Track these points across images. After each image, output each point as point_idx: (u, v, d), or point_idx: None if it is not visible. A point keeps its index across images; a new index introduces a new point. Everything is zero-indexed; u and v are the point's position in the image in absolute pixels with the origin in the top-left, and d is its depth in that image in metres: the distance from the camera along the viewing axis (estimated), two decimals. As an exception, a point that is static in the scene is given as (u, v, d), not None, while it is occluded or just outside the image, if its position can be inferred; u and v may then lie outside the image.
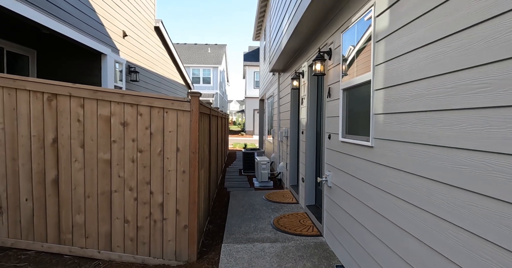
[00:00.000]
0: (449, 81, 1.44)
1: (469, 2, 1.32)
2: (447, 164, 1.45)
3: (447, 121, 1.45)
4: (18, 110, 3.20)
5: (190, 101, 3.11)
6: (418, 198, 1.68)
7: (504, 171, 1.15)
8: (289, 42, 4.57)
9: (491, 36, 1.21)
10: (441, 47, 1.50)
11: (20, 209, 3.25)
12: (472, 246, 1.29)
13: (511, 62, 1.12)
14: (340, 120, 2.93)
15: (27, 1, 4.37)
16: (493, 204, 1.20)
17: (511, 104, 1.12)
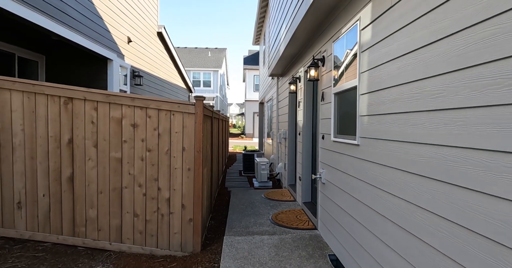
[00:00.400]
0: (415, 88, 1.73)
1: (428, 25, 1.61)
2: (415, 156, 1.73)
3: (414, 121, 1.73)
4: (36, 113, 3.48)
5: (195, 104, 3.39)
6: (393, 187, 1.96)
7: (453, 160, 1.42)
8: (287, 49, 4.87)
9: (444, 52, 1.49)
10: (409, 59, 1.78)
11: (37, 204, 3.52)
12: (433, 224, 1.57)
13: (459, 73, 1.40)
14: (332, 121, 3.21)
15: (40, 10, 4.67)
16: (446, 187, 1.47)
17: (458, 107, 1.40)
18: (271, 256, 3.09)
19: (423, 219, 1.65)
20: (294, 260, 3.00)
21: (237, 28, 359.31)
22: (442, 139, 1.50)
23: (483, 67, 1.26)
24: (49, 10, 4.91)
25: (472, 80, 1.32)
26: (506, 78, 1.15)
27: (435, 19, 1.57)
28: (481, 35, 1.27)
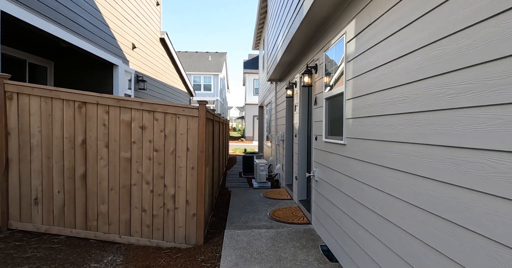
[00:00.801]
0: (387, 95, 2.04)
1: (396, 42, 1.92)
2: (387, 153, 2.04)
3: (387, 123, 2.04)
4: (53, 116, 3.79)
5: (199, 108, 3.71)
6: (371, 180, 2.26)
7: (414, 155, 1.73)
8: (284, 56, 5.20)
9: (408, 65, 1.80)
10: (383, 70, 2.10)
11: (53, 200, 3.82)
12: (399, 208, 1.87)
13: (419, 84, 1.71)
14: (324, 124, 3.52)
15: (53, 20, 5.01)
16: (409, 177, 1.78)
17: (419, 111, 1.71)
18: (268, 246, 3.38)
19: (392, 204, 1.95)
20: (289, 249, 3.30)
21: (238, 32, 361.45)
22: (406, 137, 1.81)
23: (434, 79, 1.57)
24: (61, 19, 5.25)
25: (427, 89, 1.63)
26: (448, 89, 1.46)
27: (401, 38, 1.89)
28: (433, 53, 1.58)
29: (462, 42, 1.37)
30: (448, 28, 1.47)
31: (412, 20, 1.77)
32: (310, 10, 3.20)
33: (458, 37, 1.39)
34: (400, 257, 1.86)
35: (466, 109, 1.34)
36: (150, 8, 9.76)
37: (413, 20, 1.76)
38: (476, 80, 1.29)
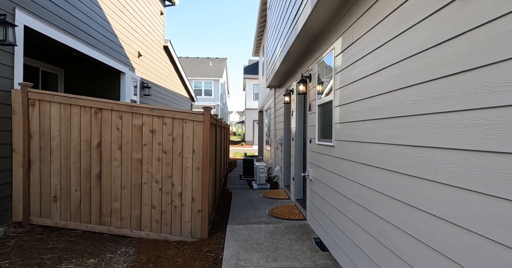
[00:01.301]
0: (365, 103, 2.42)
1: (373, 59, 2.31)
2: (365, 152, 2.41)
3: (365, 127, 2.42)
4: (71, 121, 4.18)
5: (203, 113, 4.09)
6: (354, 175, 2.64)
7: (384, 153, 2.11)
8: (281, 65, 5.60)
9: (382, 79, 2.19)
10: (363, 83, 2.48)
11: (70, 197, 4.19)
12: (376, 198, 2.24)
13: (388, 95, 2.09)
14: (317, 128, 3.90)
15: (66, 31, 5.41)
16: (382, 172, 2.15)
17: (387, 117, 2.09)
18: (266, 238, 3.74)
19: (370, 195, 2.33)
20: (285, 241, 3.66)
21: (238, 39, 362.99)
22: (379, 139, 2.19)
23: (397, 92, 1.95)
24: (75, 31, 5.66)
25: (393, 100, 2.01)
26: (406, 100, 1.84)
27: (376, 57, 2.28)
28: (396, 71, 1.97)
29: (416, 64, 1.76)
30: (406, 52, 1.85)
31: (383, 42, 2.16)
32: (304, 26, 3.60)
33: (413, 60, 1.78)
34: (376, 239, 2.22)
35: (418, 116, 1.72)
36: (155, 17, 10.21)
37: (384, 42, 2.15)
38: (424, 94, 1.68)
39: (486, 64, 1.26)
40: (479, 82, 1.30)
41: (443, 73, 1.52)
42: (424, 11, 1.67)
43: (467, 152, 1.36)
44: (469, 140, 1.35)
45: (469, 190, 1.35)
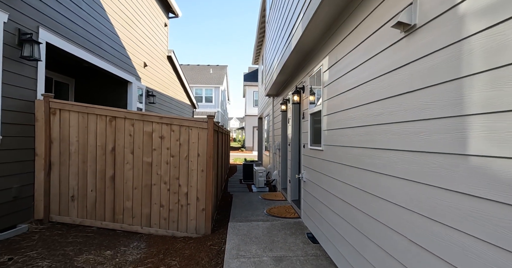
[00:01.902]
0: (346, 113, 2.88)
1: (351, 77, 2.78)
2: (346, 155, 2.87)
3: (346, 133, 2.88)
4: (88, 128, 4.64)
5: (207, 121, 4.56)
6: (337, 175, 3.09)
7: (360, 155, 2.56)
8: (278, 76, 6.09)
9: (356, 94, 2.66)
10: (343, 96, 2.95)
11: (86, 197, 4.62)
12: (353, 192, 2.68)
13: (361, 107, 2.55)
14: (309, 134, 4.36)
15: (81, 45, 5.91)
16: (359, 171, 2.60)
17: (361, 125, 2.55)
18: (264, 233, 4.17)
19: (349, 191, 2.77)
20: (281, 236, 4.09)
21: (239, 45, 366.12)
22: (356, 143, 2.65)
23: (367, 105, 2.41)
24: (88, 45, 6.16)
25: (364, 111, 2.47)
26: (372, 112, 2.30)
27: (353, 75, 2.74)
28: (367, 88, 2.44)
29: (379, 84, 2.23)
30: (373, 74, 2.32)
31: (358, 64, 2.63)
32: (297, 45, 4.09)
33: (377, 81, 2.25)
34: (354, 227, 2.66)
35: (380, 125, 2.18)
36: (160, 29, 10.75)
37: (358, 64, 2.62)
38: (384, 108, 2.14)
39: (420, 88, 1.72)
40: (417, 101, 1.76)
41: (394, 93, 1.98)
42: (384, 43, 2.14)
43: (410, 152, 1.81)
44: (410, 143, 1.80)
45: (411, 180, 1.80)
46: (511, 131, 1.16)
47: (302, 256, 3.40)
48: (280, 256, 3.39)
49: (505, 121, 1.18)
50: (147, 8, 9.48)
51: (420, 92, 1.71)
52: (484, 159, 1.27)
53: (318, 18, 3.18)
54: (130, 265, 3.47)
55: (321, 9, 2.96)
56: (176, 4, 11.49)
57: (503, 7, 1.19)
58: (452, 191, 1.45)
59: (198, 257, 3.69)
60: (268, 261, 3.27)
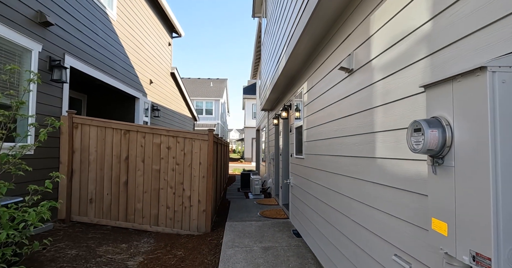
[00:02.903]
0: (318, 129, 3.64)
1: (322, 99, 3.55)
2: (319, 161, 3.61)
3: (318, 144, 3.63)
4: (105, 139, 5.39)
5: (208, 134, 5.31)
6: (313, 177, 3.82)
7: (328, 160, 3.29)
8: (271, 94, 6.89)
9: (328, 112, 3.42)
10: (317, 115, 3.71)
11: (103, 200, 5.33)
12: (323, 191, 3.40)
13: (326, 124, 3.31)
14: (294, 145, 5.11)
15: (98, 67, 6.72)
16: (327, 174, 3.32)
17: (327, 138, 3.30)
18: (256, 230, 4.87)
19: (322, 190, 3.50)
20: (270, 232, 4.78)
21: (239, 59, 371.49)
22: (324, 152, 3.40)
23: (330, 123, 3.17)
24: (103, 67, 6.98)
25: (327, 128, 3.23)
26: (332, 128, 3.05)
27: (321, 99, 3.52)
28: (329, 110, 3.20)
29: (335, 108, 2.99)
30: (332, 100, 3.09)
31: (324, 91, 3.41)
32: (283, 70, 4.89)
33: (334, 105, 3.02)
34: (325, 220, 3.38)
35: (336, 138, 2.94)
36: (164, 48, 11.65)
37: (324, 91, 3.40)
38: (338, 125, 2.90)
39: (355, 112, 2.49)
40: (354, 121, 2.52)
41: (343, 115, 2.75)
42: (337, 79, 2.92)
43: (351, 157, 2.56)
44: (351, 151, 2.55)
45: (350, 176, 2.54)
46: (393, 142, 1.91)
47: (286, 246, 4.10)
48: (268, 246, 4.08)
49: (390, 136, 1.93)
50: (153, 30, 10.39)
51: (356, 115, 2.48)
52: (383, 160, 2.02)
53: (297, 53, 3.98)
54: (143, 254, 4.17)
55: (297, 48, 3.77)
56: (179, 25, 12.44)
57: (391, 65, 1.96)
58: (369, 181, 2.19)
59: (200, 248, 4.38)
60: (257, 250, 3.97)
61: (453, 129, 1.18)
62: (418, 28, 1.61)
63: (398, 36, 1.81)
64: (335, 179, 2.93)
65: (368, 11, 2.23)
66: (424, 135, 1.22)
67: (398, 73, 1.82)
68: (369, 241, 2.19)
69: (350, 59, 2.54)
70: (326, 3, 2.63)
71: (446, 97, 1.22)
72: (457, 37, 1.33)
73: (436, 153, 1.24)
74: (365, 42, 2.27)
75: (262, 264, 3.50)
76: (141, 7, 9.34)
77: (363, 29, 2.31)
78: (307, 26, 3.09)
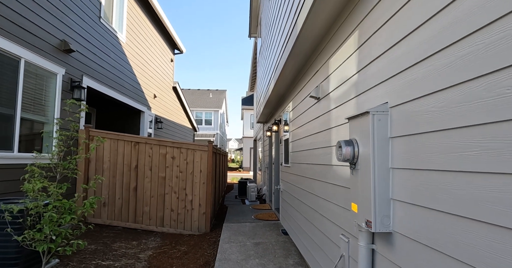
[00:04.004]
0: (300, 141, 4.40)
1: (304, 116, 4.31)
2: (300, 169, 4.35)
3: (301, 154, 4.38)
4: (117, 150, 6.13)
5: (208, 146, 6.06)
6: (298, 183, 4.55)
7: (307, 168, 4.03)
8: (264, 109, 7.68)
9: (306, 128, 4.18)
10: (300, 129, 4.47)
11: (115, 203, 6.03)
12: (306, 195, 4.13)
13: (307, 138, 4.06)
14: (283, 155, 5.86)
15: (109, 85, 7.51)
16: (307, 180, 4.06)
17: (307, 149, 4.05)
18: (249, 230, 5.57)
19: (304, 194, 4.23)
20: (262, 231, 5.48)
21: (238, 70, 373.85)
22: (303, 161, 4.14)
23: (309, 137, 3.93)
24: (114, 85, 7.78)
25: (306, 141, 3.98)
26: (311, 141, 3.80)
27: (303, 117, 4.28)
28: (307, 127, 3.96)
29: (310, 126, 3.75)
30: (307, 120, 3.86)
31: (302, 111, 4.18)
32: (273, 90, 5.68)
33: (309, 124, 3.78)
34: (306, 219, 4.09)
35: (311, 150, 3.69)
36: (167, 64, 12.51)
37: (302, 111, 4.17)
38: (312, 140, 3.65)
39: (321, 131, 3.25)
40: (321, 138, 3.27)
41: (315, 132, 3.51)
42: (310, 104, 3.70)
43: (320, 165, 3.30)
44: (320, 160, 3.30)
45: (319, 180, 3.28)
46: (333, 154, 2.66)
47: (274, 241, 4.80)
48: (259, 242, 4.79)
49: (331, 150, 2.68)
50: (157, 48, 11.26)
51: (322, 133, 3.24)
52: (334, 166, 2.77)
53: (283, 78, 4.78)
54: (151, 249, 4.86)
55: (283, 73, 4.56)
56: (181, 42, 13.33)
57: (339, 99, 2.72)
58: (328, 182, 2.94)
59: (200, 244, 5.08)
60: (249, 244, 4.67)
61: (359, 147, 1.94)
62: (350, 77, 2.39)
63: (343, 79, 2.59)
64: (311, 183, 3.67)
65: (328, 56, 3.02)
66: (342, 150, 1.98)
67: (342, 105, 2.59)
68: (328, 227, 2.92)
69: (317, 90, 3.31)
70: (299, 46, 3.42)
71: (355, 126, 1.99)
72: (367, 88, 2.10)
73: (350, 161, 2.00)
74: (326, 79, 3.06)
75: (253, 255, 4.21)
76: (147, 28, 10.21)
77: (325, 68, 3.10)
78: (288, 59, 3.88)
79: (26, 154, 4.77)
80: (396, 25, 1.76)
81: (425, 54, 1.50)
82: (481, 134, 1.17)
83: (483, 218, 1.14)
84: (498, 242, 1.07)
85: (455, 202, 1.28)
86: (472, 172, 1.20)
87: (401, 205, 1.68)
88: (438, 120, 1.40)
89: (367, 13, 2.12)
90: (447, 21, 1.36)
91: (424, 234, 1.47)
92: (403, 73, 1.68)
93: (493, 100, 1.12)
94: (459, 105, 1.28)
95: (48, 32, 5.32)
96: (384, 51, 1.87)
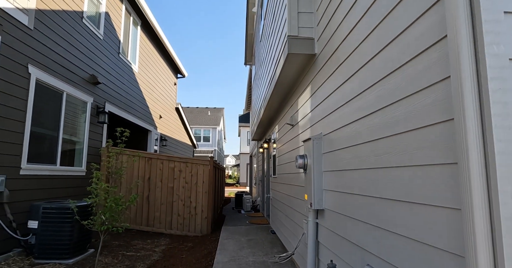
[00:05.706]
0: (283, 156, 5.62)
1: (286, 137, 5.55)
2: (283, 178, 5.55)
3: (283, 167, 5.59)
4: (133, 164, 7.30)
5: (209, 161, 7.27)
6: (283, 190, 5.73)
7: (287, 178, 5.23)
8: (257, 129, 8.94)
9: (284, 148, 5.41)
10: (283, 146, 5.69)
11: (130, 210, 7.13)
12: (287, 198, 5.30)
13: (286, 154, 5.28)
14: (272, 168, 7.06)
15: (123, 108, 8.76)
16: (287, 186, 5.25)
17: (285, 163, 5.26)
18: (244, 231, 6.68)
19: (287, 197, 5.41)
20: (254, 231, 6.60)
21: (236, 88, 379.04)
22: (285, 171, 5.34)
23: (287, 153, 5.15)
24: (127, 108, 9.04)
25: (285, 156, 5.19)
26: (286, 159, 5.02)
27: (283, 138, 5.52)
28: (284, 146, 5.19)
29: (286, 145, 4.98)
30: (285, 140, 5.09)
31: (282, 135, 5.43)
32: (263, 115, 6.96)
33: (286, 144, 5.01)
34: (286, 215, 5.24)
35: (288, 163, 4.91)
36: (171, 87, 13.86)
37: (282, 135, 5.42)
38: (288, 155, 4.87)
39: (291, 149, 4.47)
40: (294, 153, 4.49)
41: (288, 150, 4.74)
42: (287, 129, 4.95)
43: (291, 173, 4.51)
44: (291, 169, 4.51)
45: (290, 184, 4.47)
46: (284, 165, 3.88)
47: (264, 238, 5.93)
48: (251, 238, 5.91)
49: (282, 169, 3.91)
50: (163, 74, 12.63)
51: (294, 150, 4.47)
52: (298, 173, 3.97)
53: (270, 105, 6.06)
54: (164, 245, 5.97)
55: (270, 102, 5.84)
56: (183, 67, 14.74)
57: (302, 126, 3.96)
58: (297, 185, 4.14)
59: (204, 242, 6.19)
60: (243, 240, 5.79)
61: (307, 159, 3.18)
62: (307, 114, 3.66)
63: (304, 114, 3.85)
64: (288, 187, 4.87)
65: (297, 96, 4.30)
66: (297, 161, 3.22)
67: (304, 132, 3.84)
68: (297, 217, 4.10)
69: (292, 119, 4.58)
70: (279, 87, 4.72)
71: (306, 146, 3.24)
72: (313, 123, 3.35)
73: (303, 168, 3.24)
74: (296, 112, 4.33)
75: (246, 246, 5.33)
76: (155, 57, 11.61)
77: (296, 105, 4.38)
78: (272, 94, 5.16)
79: (65, 167, 5.95)
80: (328, 85, 3.03)
81: (338, 105, 2.76)
82: (370, 147, 2.41)
83: (363, 193, 2.37)
84: (375, 205, 2.30)
85: (354, 186, 2.50)
86: (358, 169, 2.43)
87: (329, 192, 2.89)
88: (343, 142, 2.64)
89: (314, 75, 3.41)
90: (350, 86, 2.63)
91: (342, 207, 2.68)
92: (328, 116, 2.95)
93: (369, 129, 2.37)
94: (353, 133, 2.53)
95: (81, 69, 6.62)
96: (320, 102, 3.15)
